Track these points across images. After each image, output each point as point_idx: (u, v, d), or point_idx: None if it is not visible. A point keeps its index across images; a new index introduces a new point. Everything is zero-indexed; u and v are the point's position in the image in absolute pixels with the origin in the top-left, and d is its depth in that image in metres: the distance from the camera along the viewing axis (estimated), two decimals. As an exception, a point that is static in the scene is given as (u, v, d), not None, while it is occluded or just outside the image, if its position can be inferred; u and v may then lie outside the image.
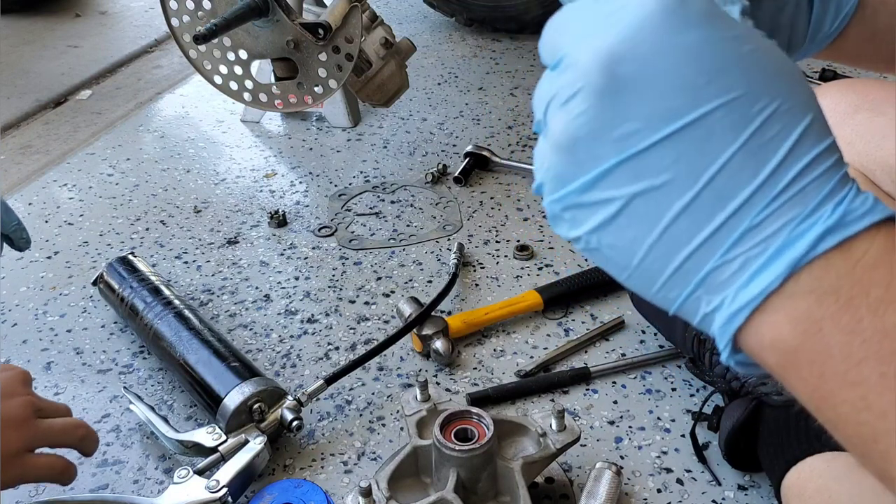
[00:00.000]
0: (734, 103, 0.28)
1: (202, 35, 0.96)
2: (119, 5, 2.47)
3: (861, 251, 0.27)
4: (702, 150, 0.28)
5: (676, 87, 0.28)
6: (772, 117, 0.28)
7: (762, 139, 0.28)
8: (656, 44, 0.28)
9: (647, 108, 0.28)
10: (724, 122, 0.28)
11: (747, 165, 0.28)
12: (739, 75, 0.28)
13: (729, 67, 0.28)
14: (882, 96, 0.69)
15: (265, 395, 0.77)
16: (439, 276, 1.07)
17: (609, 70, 0.28)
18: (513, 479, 0.67)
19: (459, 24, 2.03)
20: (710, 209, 0.28)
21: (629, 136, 0.28)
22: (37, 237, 1.18)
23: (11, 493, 0.75)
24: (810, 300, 0.28)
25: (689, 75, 0.28)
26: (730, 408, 0.74)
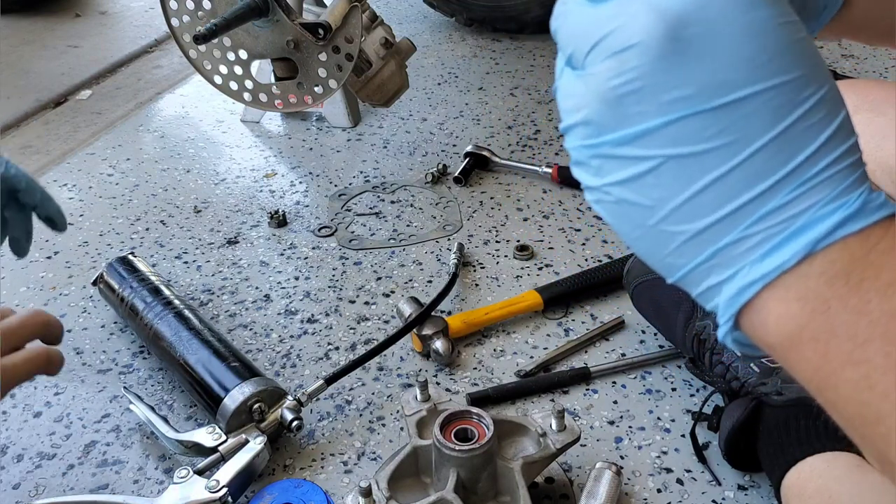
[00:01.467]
0: (787, 86, 0.28)
1: (202, 35, 0.96)
2: (119, 5, 2.47)
3: (877, 238, 0.28)
4: (747, 127, 0.28)
5: (737, 60, 0.28)
6: (817, 105, 0.29)
7: (806, 124, 0.28)
8: (726, 15, 0.28)
9: (704, 76, 0.28)
10: (774, 102, 0.28)
11: (786, 148, 0.28)
12: (796, 59, 0.29)
13: (788, 50, 0.28)
14: (882, 97, 0.69)
15: (265, 395, 0.77)
16: (439, 276, 1.07)
17: (674, 32, 0.28)
18: (513, 479, 0.67)
19: (459, 24, 2.03)
20: (742, 184, 0.29)
21: (680, 100, 0.29)
22: (37, 237, 1.17)
23: (11, 494, 0.75)
24: (821, 280, 0.28)
25: (751, 51, 0.28)
26: (730, 408, 0.74)
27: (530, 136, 1.46)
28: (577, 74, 0.31)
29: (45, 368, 0.65)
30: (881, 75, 1.68)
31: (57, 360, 0.66)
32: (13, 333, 0.64)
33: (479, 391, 0.85)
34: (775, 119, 0.28)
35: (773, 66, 0.28)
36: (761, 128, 0.28)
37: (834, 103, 0.29)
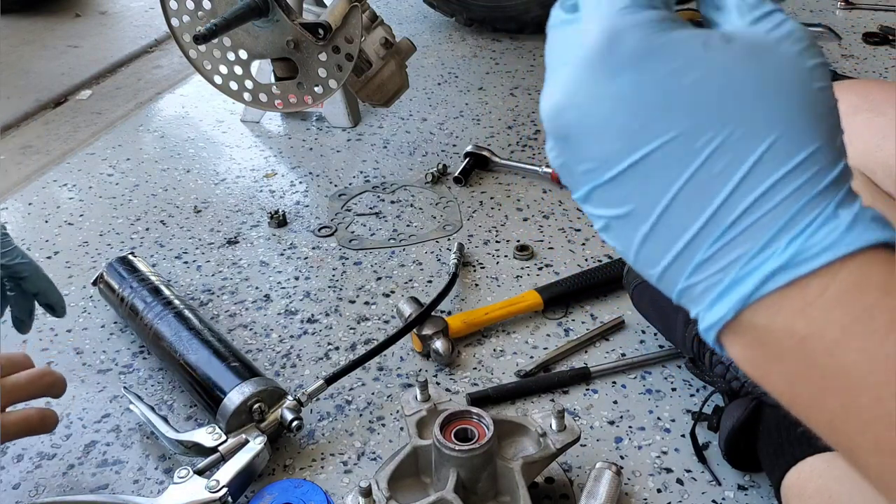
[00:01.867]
0: (673, 142, 0.28)
1: (202, 35, 0.96)
2: (119, 5, 2.47)
3: (817, 290, 0.27)
4: (648, 188, 0.29)
5: (613, 133, 0.29)
6: (719, 150, 0.28)
7: (710, 173, 0.28)
8: (589, 94, 0.29)
9: (593, 151, 0.30)
10: (666, 160, 0.28)
11: (695, 200, 0.28)
12: (679, 112, 0.28)
13: (666, 106, 0.28)
14: (882, 97, 0.69)
15: (265, 395, 0.77)
16: (439, 276, 1.07)
17: (555, 120, 0.31)
18: (513, 479, 0.67)
19: (459, 24, 2.03)
20: (666, 240, 0.30)
21: (588, 172, 0.31)
22: (37, 237, 1.18)
23: (11, 494, 0.75)
24: (763, 334, 0.28)
25: (622, 121, 0.29)
26: (730, 408, 0.74)
27: (530, 136, 1.46)
28: None
29: (37, 430, 0.67)
30: (881, 75, 1.68)
31: (50, 423, 0.68)
32: (20, 389, 0.66)
33: (479, 391, 0.85)
34: (676, 174, 0.28)
35: (649, 130, 0.28)
36: (664, 186, 0.29)
37: (752, 136, 0.28)
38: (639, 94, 0.28)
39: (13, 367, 0.68)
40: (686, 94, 0.28)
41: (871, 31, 1.90)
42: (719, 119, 0.28)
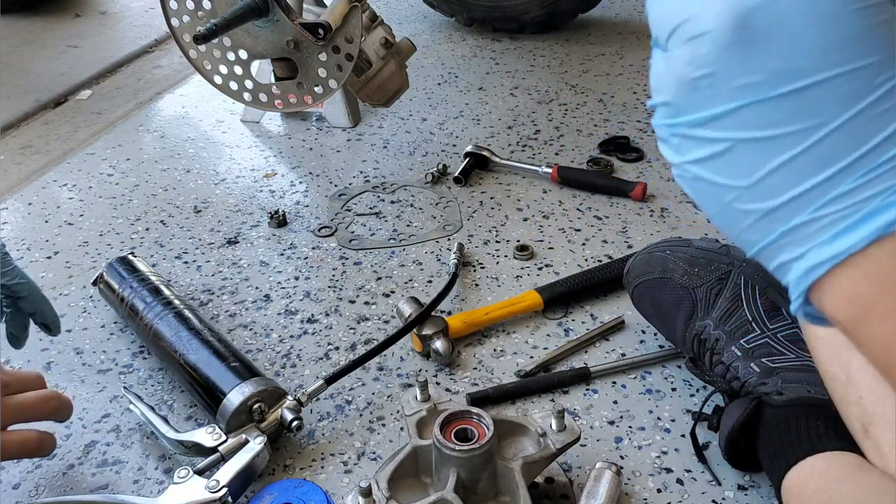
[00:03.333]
0: (858, 73, 0.28)
1: (202, 35, 0.96)
2: (119, 5, 2.47)
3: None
4: (816, 113, 0.29)
5: (805, 48, 0.28)
6: (890, 92, 0.28)
7: (876, 110, 0.28)
8: (795, 4, 0.28)
9: (771, 63, 0.29)
10: (843, 89, 0.28)
11: (856, 133, 0.28)
12: (869, 45, 0.28)
13: (861, 36, 0.28)
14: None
15: (265, 395, 0.77)
16: (439, 276, 1.07)
17: (741, 22, 0.29)
18: (513, 479, 0.67)
19: (459, 24, 2.03)
20: (811, 168, 0.29)
21: (749, 87, 0.29)
22: (37, 237, 1.18)
23: (11, 494, 0.75)
24: (892, 263, 0.28)
25: (819, 38, 0.28)
26: (730, 408, 0.74)
27: (530, 136, 1.46)
28: (661, 56, 0.32)
29: (34, 453, 0.68)
30: None
31: (48, 448, 0.69)
32: (25, 410, 0.67)
33: (479, 391, 0.85)
34: (845, 106, 0.28)
35: (842, 54, 0.28)
36: (831, 114, 0.28)
37: None
38: (842, 18, 0.28)
39: (22, 386, 0.69)
40: (877, 30, 0.28)
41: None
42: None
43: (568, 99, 1.60)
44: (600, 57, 1.82)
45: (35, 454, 0.68)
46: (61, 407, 0.71)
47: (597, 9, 1.99)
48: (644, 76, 1.70)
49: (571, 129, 1.47)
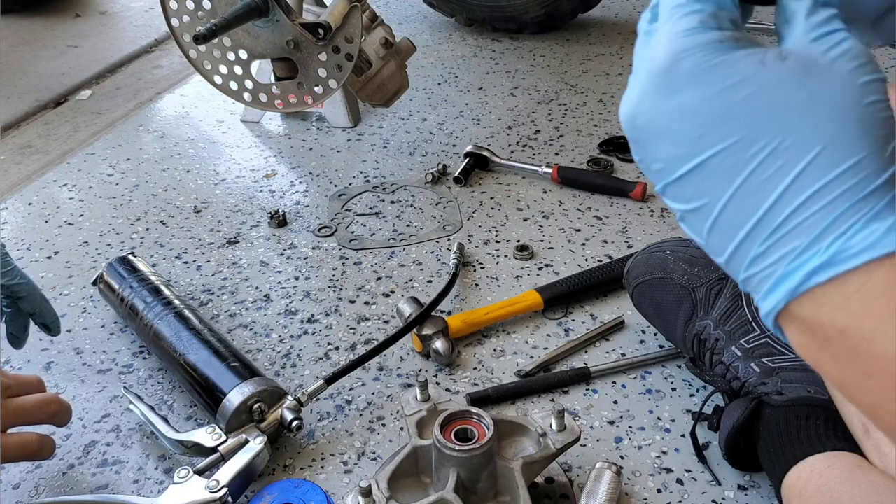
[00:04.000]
0: (729, 149, 0.32)
1: (202, 35, 0.96)
2: (119, 5, 2.48)
3: (856, 286, 0.30)
4: (710, 188, 0.33)
5: (676, 139, 0.33)
6: (769, 157, 0.31)
7: (760, 178, 0.31)
8: (655, 105, 0.34)
9: (661, 153, 0.34)
10: (724, 165, 0.32)
11: (749, 202, 0.32)
12: (734, 123, 0.32)
13: (723, 117, 0.32)
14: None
15: (265, 395, 0.77)
16: (439, 276, 1.07)
17: (628, 124, 0.36)
18: (513, 479, 0.67)
19: (459, 24, 2.03)
20: (727, 235, 0.33)
21: (660, 171, 0.35)
22: (37, 237, 1.18)
23: (11, 494, 0.75)
24: (811, 323, 0.32)
25: (684, 130, 0.33)
26: (730, 408, 0.74)
27: (530, 136, 1.46)
28: None
29: (34, 456, 0.69)
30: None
31: (48, 451, 0.70)
32: (24, 414, 0.68)
33: (479, 391, 0.85)
34: (731, 178, 0.32)
35: (708, 137, 0.32)
36: (720, 189, 0.32)
37: (801, 145, 0.31)
38: (698, 107, 0.32)
39: (22, 389, 0.69)
40: (741, 106, 0.32)
41: (871, 31, 1.90)
42: (770, 130, 0.31)
43: (568, 99, 1.60)
44: (600, 57, 1.82)
45: (35, 457, 0.69)
46: (61, 411, 0.71)
47: (597, 9, 1.99)
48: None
49: (571, 129, 1.47)
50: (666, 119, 0.33)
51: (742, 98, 0.31)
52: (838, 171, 0.30)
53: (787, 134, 0.31)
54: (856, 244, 0.30)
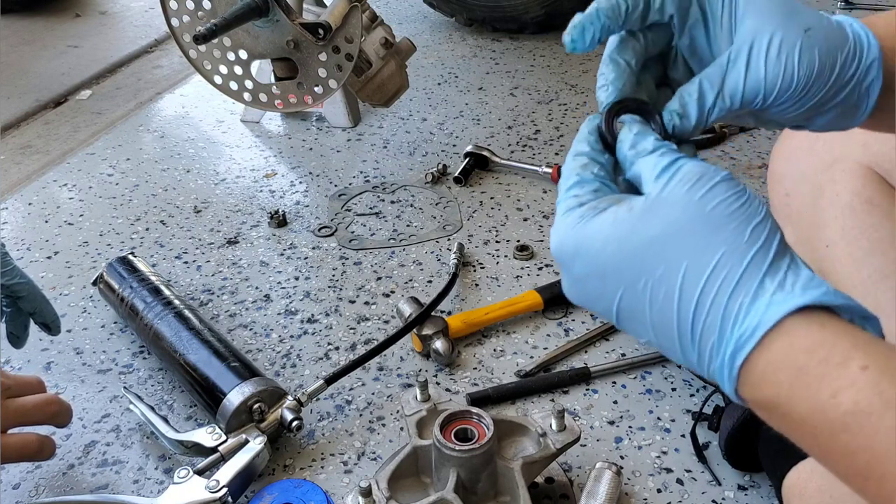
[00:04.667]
0: (625, 295, 0.37)
1: (202, 35, 0.96)
2: (119, 5, 2.48)
3: (762, 364, 0.34)
4: (636, 325, 0.38)
5: (589, 301, 0.39)
6: (655, 288, 0.36)
7: (658, 306, 0.36)
8: (564, 282, 0.40)
9: (591, 309, 0.40)
10: (630, 306, 0.37)
11: (664, 325, 0.36)
12: (615, 275, 0.37)
13: (606, 275, 0.37)
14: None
15: (265, 395, 0.77)
16: (439, 276, 1.07)
17: (558, 260, 0.40)
18: (513, 479, 0.67)
19: (459, 24, 2.03)
20: (669, 352, 0.37)
21: (602, 317, 0.41)
22: (37, 237, 1.18)
23: (11, 494, 0.75)
24: (754, 402, 0.36)
25: (589, 292, 0.39)
26: (730, 408, 0.74)
27: (530, 136, 1.46)
28: None
29: (35, 457, 0.69)
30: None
31: (48, 451, 0.70)
32: (25, 414, 0.68)
33: (479, 391, 0.85)
34: (641, 314, 0.37)
35: (609, 294, 0.37)
36: (641, 323, 0.37)
37: (668, 277, 0.35)
38: (587, 274, 0.38)
39: (23, 389, 0.69)
40: (612, 262, 0.37)
41: (871, 31, 1.90)
42: (644, 267, 0.36)
43: (568, 99, 1.60)
44: (600, 57, 1.82)
45: (35, 458, 0.69)
46: (61, 412, 0.71)
47: (597, 9, 1.99)
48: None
49: (571, 129, 1.47)
50: (574, 290, 0.40)
51: (610, 254, 0.37)
52: (707, 273, 0.34)
53: (657, 264, 0.35)
54: (748, 327, 0.33)
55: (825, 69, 0.42)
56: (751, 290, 0.34)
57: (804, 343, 0.33)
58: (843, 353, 0.32)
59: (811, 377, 0.33)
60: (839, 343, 0.33)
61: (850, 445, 0.32)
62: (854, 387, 0.32)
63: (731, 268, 0.34)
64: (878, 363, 0.32)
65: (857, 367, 0.32)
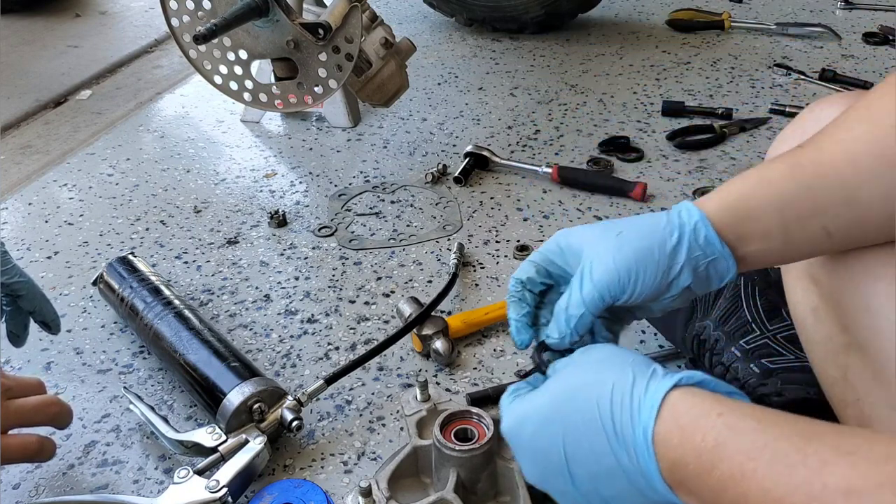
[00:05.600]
0: (568, 434, 0.48)
1: (202, 35, 0.96)
2: (119, 5, 2.48)
3: (661, 454, 0.43)
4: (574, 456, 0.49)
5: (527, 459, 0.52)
6: (577, 451, 0.48)
7: (590, 456, 0.47)
8: (514, 429, 0.53)
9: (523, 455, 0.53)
10: (571, 442, 0.48)
11: (604, 471, 0.46)
12: (538, 456, 0.51)
13: (534, 454, 0.51)
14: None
15: (265, 395, 0.77)
16: (439, 276, 1.07)
17: (503, 434, 0.54)
18: (513, 479, 0.67)
19: (459, 24, 2.03)
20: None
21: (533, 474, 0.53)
22: (37, 237, 1.18)
23: (11, 494, 0.75)
24: (663, 470, 0.44)
25: (535, 471, 0.52)
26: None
27: (530, 136, 1.46)
28: None
29: (35, 457, 0.69)
30: (881, 75, 1.68)
31: (49, 452, 0.70)
32: (25, 415, 0.68)
33: (479, 391, 0.85)
34: (579, 449, 0.48)
35: (548, 472, 0.51)
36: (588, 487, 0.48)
37: (583, 423, 0.47)
38: (521, 456, 0.52)
39: (23, 390, 0.69)
40: (530, 441, 0.51)
41: (871, 31, 1.90)
42: (570, 412, 0.48)
43: (568, 99, 1.60)
44: (600, 57, 1.82)
45: (35, 458, 0.69)
46: (62, 413, 0.71)
47: (597, 9, 1.99)
48: (644, 76, 1.70)
49: (571, 129, 1.47)
50: (530, 466, 0.52)
51: (529, 433, 0.51)
52: (609, 395, 0.46)
53: (569, 417, 0.48)
54: (647, 410, 0.44)
55: (642, 253, 0.53)
56: (643, 384, 0.45)
57: (681, 408, 0.43)
58: (706, 409, 0.42)
59: (688, 431, 0.42)
60: (704, 403, 0.43)
61: (720, 479, 0.39)
62: (714, 429, 0.41)
63: (623, 384, 0.46)
64: (732, 411, 0.41)
65: (716, 415, 0.41)
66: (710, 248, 0.53)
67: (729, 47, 1.86)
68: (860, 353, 0.55)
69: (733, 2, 2.17)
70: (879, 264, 0.52)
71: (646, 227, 0.54)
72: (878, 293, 0.52)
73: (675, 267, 0.53)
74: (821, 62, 1.73)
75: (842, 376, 0.58)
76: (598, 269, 0.54)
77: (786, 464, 0.37)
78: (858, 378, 0.56)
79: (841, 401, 0.59)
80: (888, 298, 0.52)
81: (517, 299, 0.60)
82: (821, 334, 0.59)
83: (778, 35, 1.90)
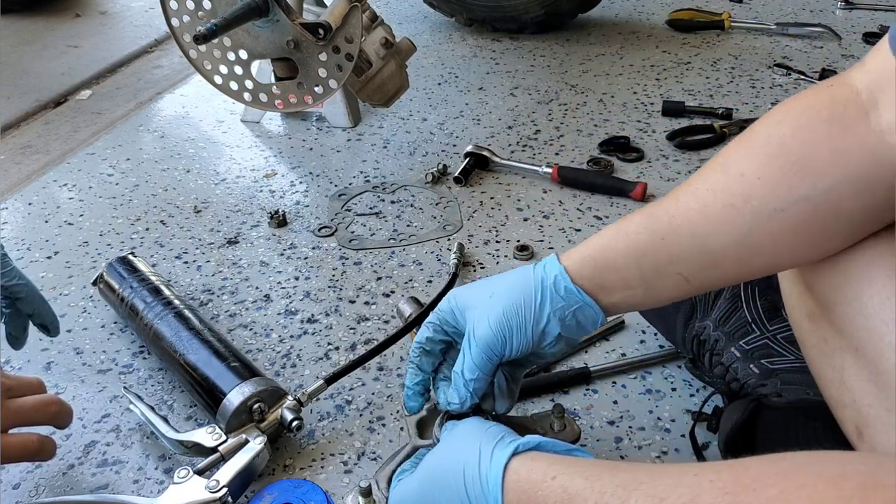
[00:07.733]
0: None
1: (202, 35, 0.96)
2: (119, 5, 2.48)
3: (508, 500, 0.49)
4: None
5: None
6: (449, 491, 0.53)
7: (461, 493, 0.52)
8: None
9: None
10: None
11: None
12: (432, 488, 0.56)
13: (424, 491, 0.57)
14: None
15: (265, 395, 0.77)
16: (439, 276, 1.07)
17: None
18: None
19: (459, 24, 2.03)
20: None
21: None
22: (37, 237, 1.18)
23: (11, 494, 0.75)
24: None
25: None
26: (729, 409, 0.74)
27: (530, 136, 1.46)
28: None
29: (36, 457, 0.69)
30: (881, 75, 1.67)
31: (49, 451, 0.70)
32: (25, 414, 0.68)
33: (479, 391, 0.85)
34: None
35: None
36: None
37: (454, 479, 0.53)
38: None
39: (23, 390, 0.69)
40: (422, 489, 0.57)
41: (871, 31, 1.90)
42: (441, 486, 0.54)
43: (568, 99, 1.61)
44: (600, 57, 1.82)
45: (36, 458, 0.69)
46: (62, 412, 0.71)
47: (597, 9, 1.99)
48: (644, 76, 1.70)
49: (571, 129, 1.47)
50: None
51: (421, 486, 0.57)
52: (462, 468, 0.52)
53: (437, 500, 0.54)
54: (493, 478, 0.49)
55: (512, 310, 0.58)
56: (487, 458, 0.51)
57: (522, 474, 0.48)
58: (542, 473, 0.48)
59: (531, 496, 0.47)
60: (540, 468, 0.48)
61: None
62: (553, 493, 0.46)
63: (473, 462, 0.51)
64: (564, 472, 0.47)
65: (550, 478, 0.47)
66: (571, 297, 0.58)
67: (729, 47, 1.86)
68: (856, 356, 0.55)
69: (733, 2, 2.17)
70: (873, 266, 0.53)
71: (516, 284, 0.60)
72: (873, 295, 0.52)
73: (542, 318, 0.59)
74: (821, 62, 1.73)
75: (838, 379, 0.58)
76: (479, 331, 0.59)
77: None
78: (854, 380, 0.56)
79: (838, 403, 0.59)
80: (883, 300, 0.52)
81: (415, 366, 0.65)
82: (816, 337, 0.60)
83: (778, 35, 1.90)
